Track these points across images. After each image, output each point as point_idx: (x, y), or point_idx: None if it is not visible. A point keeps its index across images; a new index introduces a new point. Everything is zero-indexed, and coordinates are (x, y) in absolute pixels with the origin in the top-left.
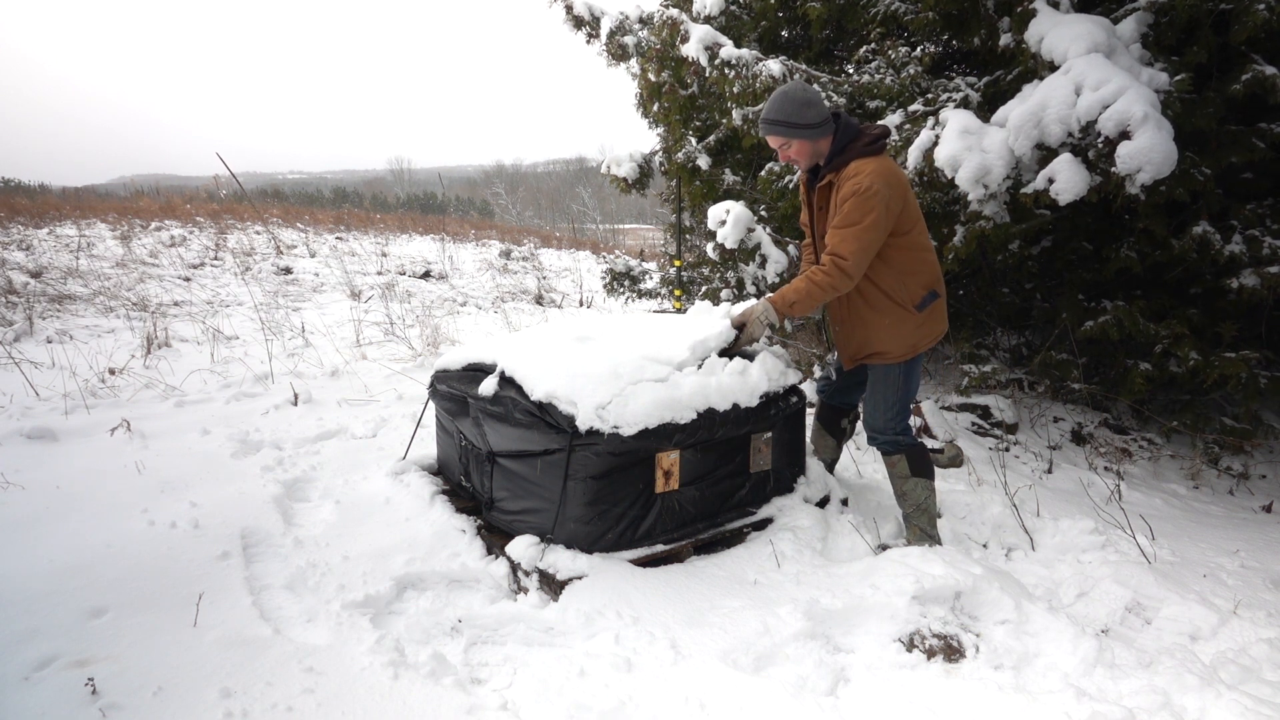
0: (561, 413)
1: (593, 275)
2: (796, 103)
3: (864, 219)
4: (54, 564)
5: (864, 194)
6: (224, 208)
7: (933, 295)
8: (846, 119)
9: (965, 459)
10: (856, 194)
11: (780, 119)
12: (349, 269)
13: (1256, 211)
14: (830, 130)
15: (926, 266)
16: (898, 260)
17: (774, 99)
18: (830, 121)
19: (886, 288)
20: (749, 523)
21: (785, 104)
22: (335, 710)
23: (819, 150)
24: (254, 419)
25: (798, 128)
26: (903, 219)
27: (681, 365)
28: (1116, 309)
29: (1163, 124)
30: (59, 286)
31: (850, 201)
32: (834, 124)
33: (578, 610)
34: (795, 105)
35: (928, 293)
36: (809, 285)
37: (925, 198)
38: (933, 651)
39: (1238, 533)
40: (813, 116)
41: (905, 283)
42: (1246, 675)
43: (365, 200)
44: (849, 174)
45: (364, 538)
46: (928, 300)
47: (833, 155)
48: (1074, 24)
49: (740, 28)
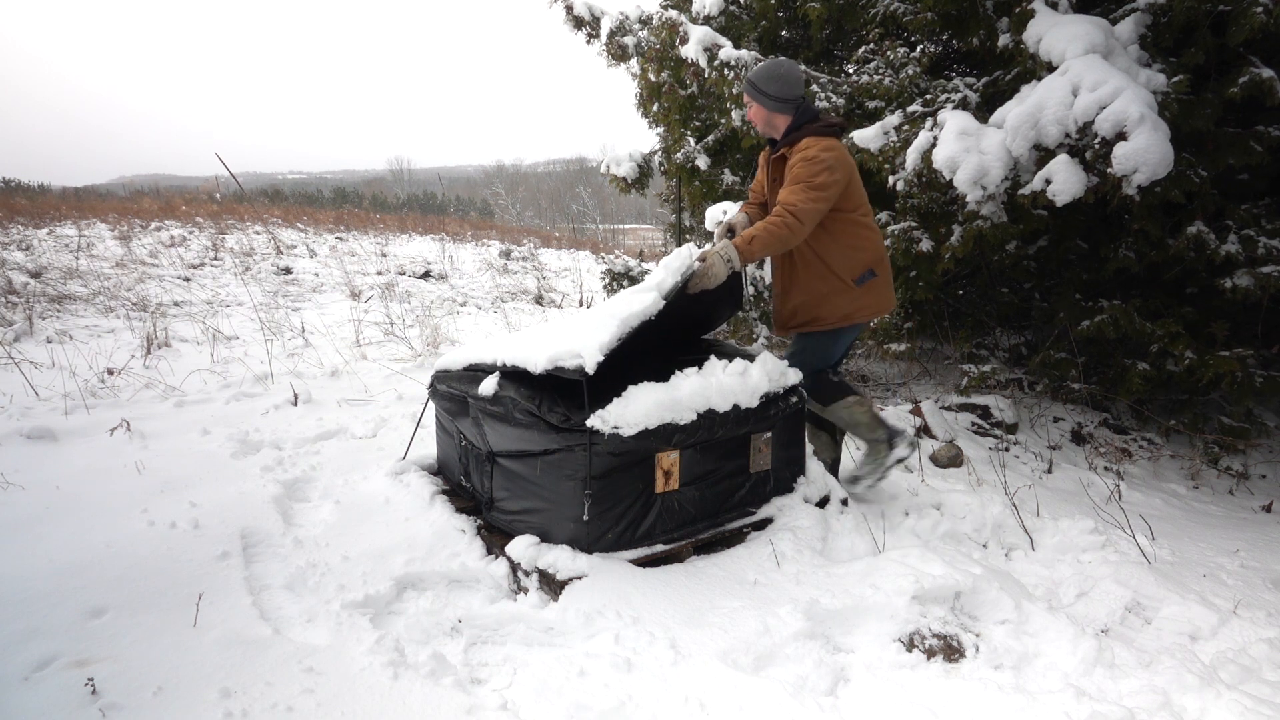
0: (569, 367)
1: (592, 275)
2: (770, 73)
3: (813, 178)
4: (54, 564)
5: (812, 159)
6: (224, 208)
7: (871, 273)
8: (810, 104)
9: (965, 459)
10: (805, 159)
11: (752, 79)
12: (349, 269)
13: (1251, 212)
14: (792, 110)
15: (870, 245)
16: (841, 235)
17: (759, 65)
18: (794, 103)
19: (829, 259)
20: (749, 523)
21: (762, 70)
22: (335, 710)
23: (773, 123)
24: (254, 419)
25: (760, 93)
26: (848, 197)
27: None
28: (1113, 308)
29: (1159, 125)
30: (59, 286)
31: (799, 165)
32: (797, 105)
33: (578, 610)
34: (767, 74)
35: (866, 270)
36: (764, 229)
37: (923, 198)
38: (933, 651)
39: (1238, 533)
40: (775, 90)
41: (847, 257)
42: (1246, 675)
43: (365, 200)
44: (801, 147)
45: (364, 538)
46: (866, 277)
47: (789, 131)
48: (1072, 25)
49: (740, 28)
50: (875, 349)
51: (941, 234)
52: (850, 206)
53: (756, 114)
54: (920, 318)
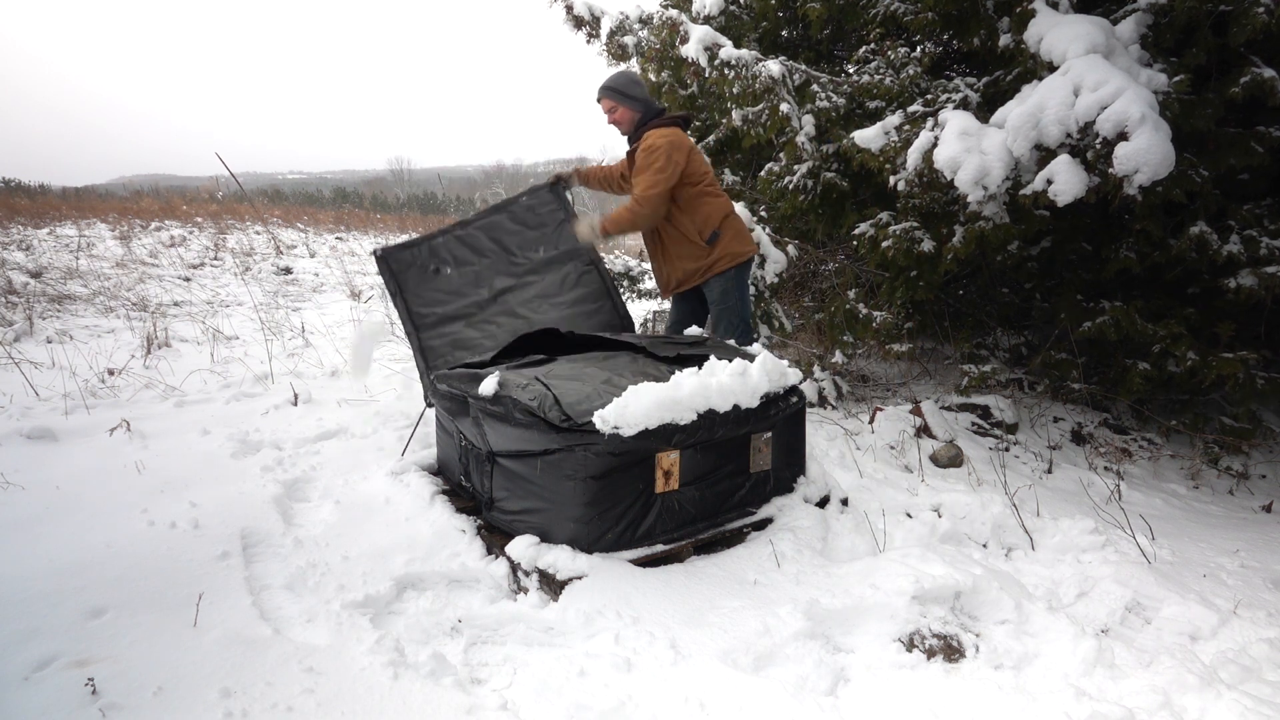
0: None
1: None
2: (630, 79)
3: (651, 165)
4: (54, 564)
5: (650, 150)
6: (224, 208)
7: (716, 232)
8: (657, 105)
9: (965, 459)
10: (644, 150)
11: (614, 86)
12: (349, 269)
13: (1254, 212)
14: (641, 109)
15: (715, 210)
16: (690, 206)
17: (615, 73)
18: (647, 104)
19: (683, 229)
20: (749, 523)
21: (620, 77)
22: (335, 710)
23: (635, 120)
24: (254, 419)
25: (627, 97)
26: (690, 172)
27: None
28: (1115, 309)
29: (1161, 125)
30: (59, 286)
31: (641, 156)
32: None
33: (578, 610)
34: (629, 80)
35: (712, 231)
36: (621, 211)
37: (924, 198)
38: (933, 651)
39: (1238, 533)
40: (637, 92)
41: (696, 223)
42: (1246, 675)
43: (365, 200)
44: (644, 141)
45: (364, 538)
46: (714, 236)
47: (637, 128)
48: (1073, 24)
49: (740, 28)
50: (876, 349)
51: (943, 234)
52: (695, 180)
53: (623, 115)
54: (921, 318)
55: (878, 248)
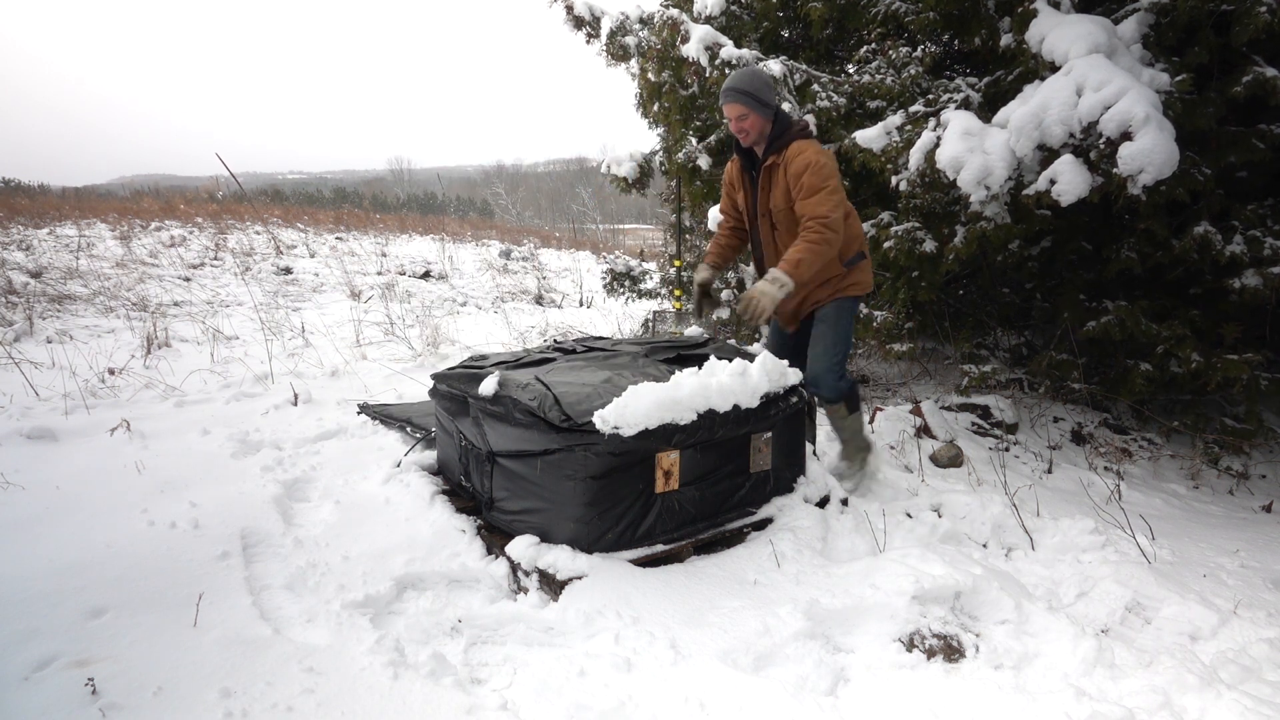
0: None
1: (593, 275)
2: (764, 81)
3: (827, 182)
4: (54, 564)
5: (816, 165)
6: (224, 208)
7: (860, 255)
8: (785, 113)
9: (965, 459)
10: (810, 166)
11: (750, 90)
12: (349, 269)
13: (1257, 212)
14: (773, 116)
15: (859, 232)
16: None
17: (745, 73)
18: (778, 111)
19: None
20: (749, 523)
21: (755, 79)
22: (335, 710)
23: (765, 130)
24: (254, 419)
25: (762, 104)
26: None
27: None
28: (1118, 309)
29: (1164, 125)
30: (59, 286)
31: (807, 173)
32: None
33: (578, 610)
34: (764, 83)
35: (856, 253)
36: (806, 246)
37: (926, 198)
38: (933, 651)
39: (1238, 533)
40: (771, 98)
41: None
42: (1246, 675)
43: (365, 200)
44: (794, 153)
45: (364, 538)
46: (856, 259)
47: (774, 139)
48: (1075, 24)
49: (741, 28)
50: (876, 349)
51: (945, 234)
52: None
53: (754, 123)
54: (921, 318)
55: (879, 248)
